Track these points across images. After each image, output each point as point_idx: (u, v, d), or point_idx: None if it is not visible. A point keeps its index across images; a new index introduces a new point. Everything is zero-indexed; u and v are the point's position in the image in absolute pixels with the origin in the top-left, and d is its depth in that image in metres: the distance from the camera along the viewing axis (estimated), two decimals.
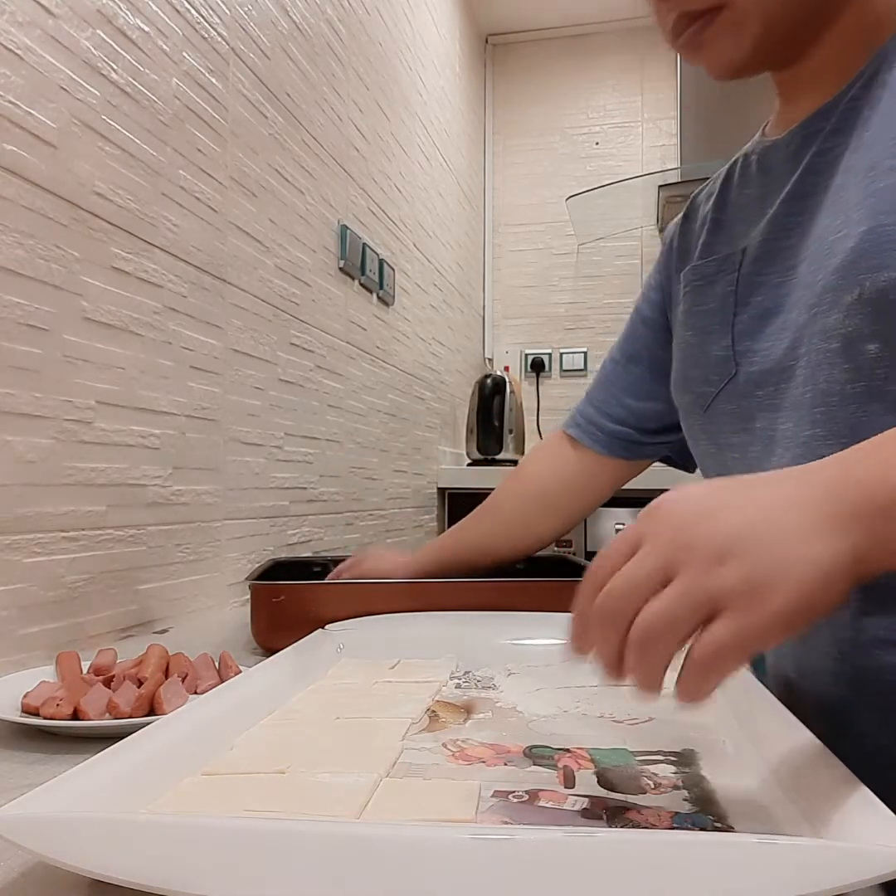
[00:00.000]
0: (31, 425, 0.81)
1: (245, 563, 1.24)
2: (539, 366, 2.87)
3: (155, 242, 1.01)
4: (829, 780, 0.36)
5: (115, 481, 0.93)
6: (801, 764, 0.39)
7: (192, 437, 1.10)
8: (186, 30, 1.08)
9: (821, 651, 0.58)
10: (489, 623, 0.74)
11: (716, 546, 0.33)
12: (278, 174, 1.35)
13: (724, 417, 0.67)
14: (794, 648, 0.62)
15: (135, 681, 0.62)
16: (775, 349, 0.61)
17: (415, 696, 0.58)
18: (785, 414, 0.60)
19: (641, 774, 0.43)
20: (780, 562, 0.33)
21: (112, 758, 0.39)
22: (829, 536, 0.34)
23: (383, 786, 0.41)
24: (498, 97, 2.98)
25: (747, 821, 0.37)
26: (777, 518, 0.34)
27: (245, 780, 0.43)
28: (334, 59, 1.59)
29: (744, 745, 0.46)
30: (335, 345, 1.60)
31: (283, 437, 1.38)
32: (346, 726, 0.52)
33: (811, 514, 0.34)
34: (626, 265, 2.83)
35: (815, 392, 0.57)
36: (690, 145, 2.59)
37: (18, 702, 0.59)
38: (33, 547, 0.81)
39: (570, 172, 2.88)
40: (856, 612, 0.55)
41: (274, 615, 0.82)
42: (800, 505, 0.35)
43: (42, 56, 0.82)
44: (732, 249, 0.67)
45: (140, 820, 0.34)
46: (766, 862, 0.27)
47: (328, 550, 1.57)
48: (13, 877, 0.35)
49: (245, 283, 1.24)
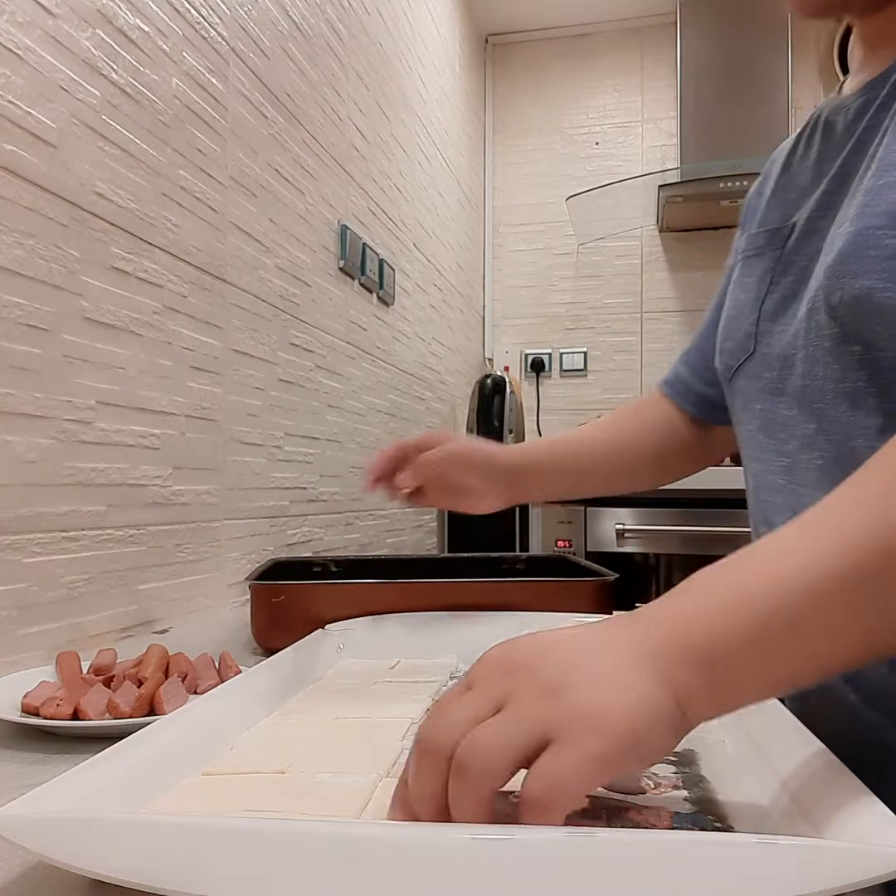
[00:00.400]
0: (31, 425, 0.81)
1: (245, 563, 1.24)
2: (539, 366, 2.87)
3: (155, 242, 1.01)
4: (829, 780, 0.36)
5: (115, 481, 0.93)
6: (801, 764, 0.39)
7: (192, 437, 1.10)
8: (186, 30, 1.08)
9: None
10: (489, 623, 0.74)
11: (542, 681, 0.33)
12: (278, 174, 1.35)
13: (738, 394, 0.68)
14: None
15: (135, 681, 0.62)
16: (784, 335, 0.60)
17: (415, 696, 0.58)
18: (786, 401, 0.60)
19: (641, 774, 0.43)
20: (601, 692, 0.32)
21: (112, 758, 0.39)
22: (642, 670, 0.33)
23: (383, 786, 0.41)
24: (498, 97, 2.98)
25: (747, 821, 0.37)
26: (595, 656, 0.34)
27: (245, 780, 0.43)
28: (334, 59, 1.59)
29: (744, 745, 0.46)
30: (335, 345, 1.60)
31: (283, 437, 1.38)
32: (346, 726, 0.52)
33: (625, 650, 0.34)
34: (626, 265, 2.83)
35: (812, 387, 0.57)
36: (690, 145, 2.59)
37: (18, 702, 0.59)
38: (33, 547, 0.81)
39: (570, 172, 2.88)
40: None
41: (274, 615, 0.82)
42: (615, 643, 0.35)
43: (42, 56, 0.82)
44: (783, 223, 0.64)
45: (140, 820, 0.34)
46: (766, 862, 0.27)
47: (328, 550, 1.57)
48: (13, 877, 0.35)
49: (245, 283, 1.24)
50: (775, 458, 0.62)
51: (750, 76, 2.55)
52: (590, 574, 0.90)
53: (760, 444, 0.64)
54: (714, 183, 2.40)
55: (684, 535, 2.09)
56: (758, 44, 2.55)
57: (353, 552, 1.70)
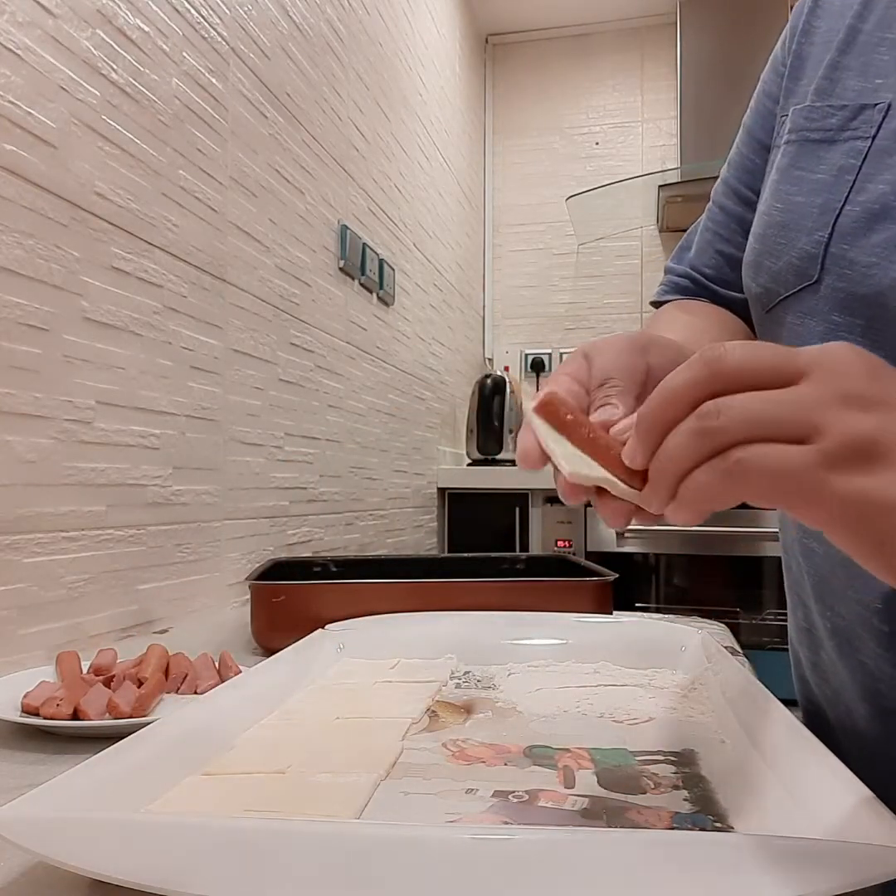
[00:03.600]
0: (31, 425, 0.81)
1: (245, 563, 1.24)
2: (539, 366, 2.87)
3: (155, 242, 1.01)
4: (829, 779, 0.36)
5: (115, 481, 0.93)
6: (801, 764, 0.39)
7: (192, 437, 1.10)
8: (186, 30, 1.08)
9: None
10: (489, 623, 0.74)
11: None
12: (278, 174, 1.35)
13: (783, 331, 0.51)
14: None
15: (135, 681, 0.62)
16: (875, 268, 0.44)
17: (415, 696, 0.58)
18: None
19: (641, 774, 0.43)
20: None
21: (112, 758, 0.39)
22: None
23: (383, 786, 0.41)
24: (498, 97, 2.98)
25: (747, 821, 0.37)
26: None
27: (245, 780, 0.43)
28: (334, 59, 1.59)
29: (744, 745, 0.46)
30: (335, 345, 1.60)
31: (283, 437, 1.38)
32: (346, 726, 0.52)
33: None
34: (626, 265, 2.83)
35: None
36: (690, 145, 2.59)
37: (18, 702, 0.58)
38: (33, 547, 0.81)
39: (570, 172, 2.88)
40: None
41: (274, 615, 0.82)
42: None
43: (42, 56, 0.82)
44: (872, 99, 0.47)
45: (140, 820, 0.34)
46: (766, 862, 0.27)
47: (328, 550, 1.57)
48: (13, 877, 0.35)
49: (245, 283, 1.24)
50: None
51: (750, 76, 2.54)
52: (590, 574, 0.90)
53: None
54: (714, 183, 2.39)
55: (684, 535, 2.09)
56: (758, 44, 2.54)
57: (353, 552, 1.70)
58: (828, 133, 0.49)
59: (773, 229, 0.51)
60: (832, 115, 0.48)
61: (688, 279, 0.66)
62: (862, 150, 0.46)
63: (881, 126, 0.45)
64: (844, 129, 0.48)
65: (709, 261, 0.64)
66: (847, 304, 0.46)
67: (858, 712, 0.54)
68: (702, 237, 0.65)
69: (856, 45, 0.49)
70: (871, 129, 0.46)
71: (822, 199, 0.48)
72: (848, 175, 0.46)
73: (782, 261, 0.50)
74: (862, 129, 0.47)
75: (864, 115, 0.47)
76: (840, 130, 0.48)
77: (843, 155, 0.47)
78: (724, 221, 0.63)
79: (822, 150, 0.49)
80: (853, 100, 0.47)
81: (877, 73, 0.47)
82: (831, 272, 0.47)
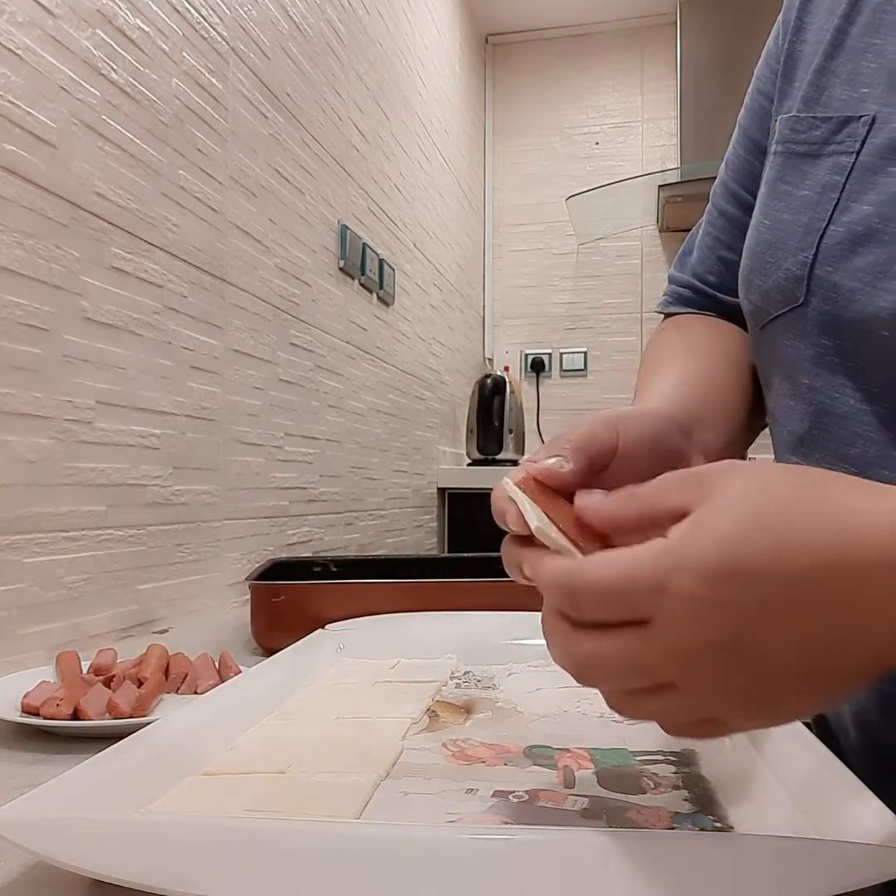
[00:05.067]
0: (31, 425, 0.81)
1: (245, 563, 1.24)
2: (539, 366, 2.87)
3: (155, 242, 1.01)
4: (829, 779, 0.36)
5: (115, 481, 0.93)
6: (801, 764, 0.39)
7: (192, 437, 1.09)
8: (186, 30, 1.08)
9: None
10: (489, 623, 0.74)
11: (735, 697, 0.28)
12: (278, 174, 1.35)
13: (773, 350, 0.50)
14: None
15: (135, 681, 0.62)
16: (862, 294, 0.42)
17: (415, 696, 0.58)
18: (856, 386, 0.44)
19: (641, 774, 0.43)
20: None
21: (112, 758, 0.39)
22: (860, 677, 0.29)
23: (383, 786, 0.41)
24: (498, 97, 2.98)
25: (747, 821, 0.37)
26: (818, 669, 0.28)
27: (245, 780, 0.43)
28: (334, 59, 1.59)
29: (744, 745, 0.46)
30: (335, 345, 1.60)
31: (283, 437, 1.38)
32: (346, 726, 0.52)
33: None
34: (626, 265, 2.83)
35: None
36: (690, 145, 2.59)
37: (18, 702, 0.58)
38: (33, 547, 0.81)
39: (570, 172, 2.88)
40: None
41: (274, 615, 0.82)
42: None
43: (42, 56, 0.82)
44: (857, 111, 0.44)
45: (140, 820, 0.34)
46: (766, 862, 0.27)
47: (328, 550, 1.57)
48: (13, 877, 0.34)
49: (245, 283, 1.24)
50: (838, 447, 0.45)
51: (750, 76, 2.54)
52: None
53: (811, 435, 0.47)
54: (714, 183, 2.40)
55: None
56: (758, 44, 2.54)
57: (353, 552, 1.70)
58: (812, 146, 0.46)
59: (762, 246, 0.50)
60: (817, 128, 0.46)
61: (690, 289, 0.64)
62: (846, 166, 0.44)
63: (865, 141, 0.43)
64: (829, 143, 0.45)
65: (711, 267, 0.62)
66: (835, 327, 0.44)
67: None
68: (703, 242, 0.64)
69: (843, 50, 0.46)
70: (856, 144, 0.44)
71: (806, 218, 0.46)
72: (832, 193, 0.44)
73: (771, 280, 0.48)
74: (846, 144, 0.44)
75: (848, 128, 0.44)
76: (824, 144, 0.46)
77: (828, 171, 0.45)
78: (725, 226, 0.61)
79: (807, 164, 0.46)
80: (839, 110, 0.45)
81: (863, 83, 0.45)
82: (817, 294, 0.45)
